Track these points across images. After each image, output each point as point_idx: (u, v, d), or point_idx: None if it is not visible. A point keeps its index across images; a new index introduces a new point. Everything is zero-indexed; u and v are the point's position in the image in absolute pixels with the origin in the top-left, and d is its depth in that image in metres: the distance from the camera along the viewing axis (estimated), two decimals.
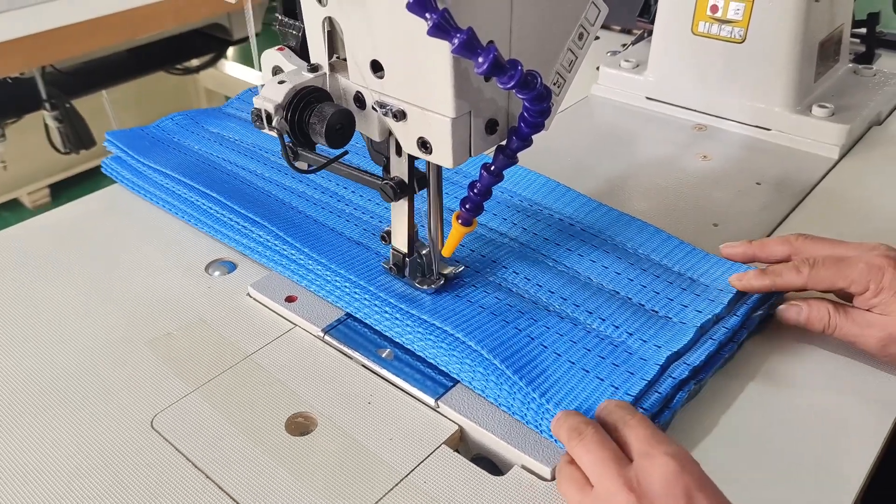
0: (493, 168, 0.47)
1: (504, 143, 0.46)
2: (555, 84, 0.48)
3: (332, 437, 0.48)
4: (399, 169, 0.51)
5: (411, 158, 0.50)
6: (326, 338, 0.55)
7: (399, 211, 0.53)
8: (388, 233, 0.55)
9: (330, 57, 0.48)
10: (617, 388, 0.46)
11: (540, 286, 0.55)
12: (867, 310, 0.50)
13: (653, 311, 0.53)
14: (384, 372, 0.52)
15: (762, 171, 0.75)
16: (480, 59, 0.38)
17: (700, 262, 0.57)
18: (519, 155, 0.47)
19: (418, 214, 0.54)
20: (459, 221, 0.51)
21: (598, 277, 0.56)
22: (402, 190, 0.51)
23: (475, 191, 0.49)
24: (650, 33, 0.89)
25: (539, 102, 0.41)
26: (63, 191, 2.11)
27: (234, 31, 1.65)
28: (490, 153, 0.48)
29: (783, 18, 0.76)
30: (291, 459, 0.46)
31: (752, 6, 0.77)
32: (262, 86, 0.48)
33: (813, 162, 0.77)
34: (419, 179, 0.51)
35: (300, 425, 0.49)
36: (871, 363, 0.52)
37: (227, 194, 0.65)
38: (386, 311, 0.54)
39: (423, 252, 0.54)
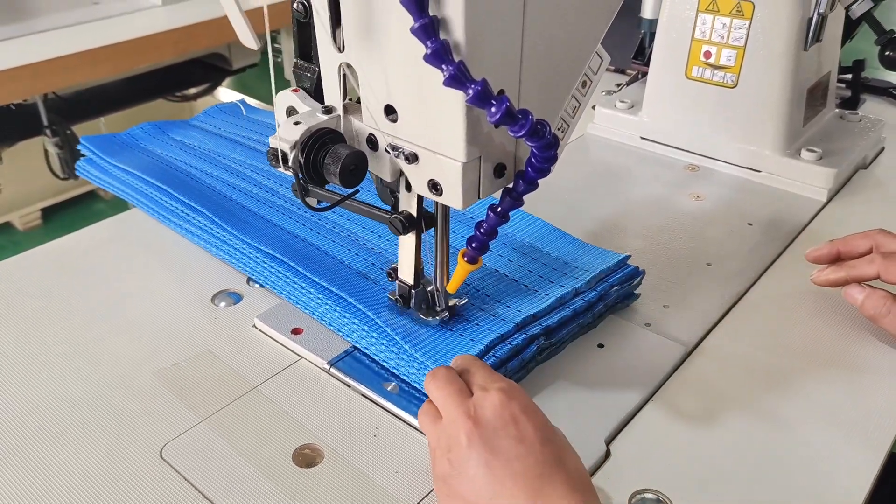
0: (499, 209, 0.49)
1: (511, 185, 0.48)
2: (559, 129, 0.50)
3: (338, 469, 0.49)
4: (408, 203, 0.52)
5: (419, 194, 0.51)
6: (332, 370, 0.56)
7: (406, 244, 0.54)
8: (395, 269, 0.57)
9: (343, 99, 0.50)
10: (474, 341, 0.54)
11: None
12: None
13: (524, 286, 0.60)
14: (389, 405, 0.53)
15: (753, 212, 0.78)
16: (493, 109, 0.39)
17: (578, 251, 0.64)
18: None
19: (424, 252, 0.55)
20: (465, 259, 0.53)
21: (491, 264, 0.64)
22: (410, 224, 0.52)
23: (481, 230, 0.51)
24: (644, 74, 0.91)
25: (547, 150, 0.43)
26: (53, 214, 2.11)
27: (233, 61, 1.68)
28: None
29: (773, 65, 0.79)
30: (299, 491, 0.47)
31: (743, 53, 0.80)
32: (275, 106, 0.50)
33: (802, 204, 0.79)
34: (427, 219, 0.53)
35: (307, 457, 0.50)
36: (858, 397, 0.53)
37: (181, 190, 0.73)
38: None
39: (429, 289, 0.56)
